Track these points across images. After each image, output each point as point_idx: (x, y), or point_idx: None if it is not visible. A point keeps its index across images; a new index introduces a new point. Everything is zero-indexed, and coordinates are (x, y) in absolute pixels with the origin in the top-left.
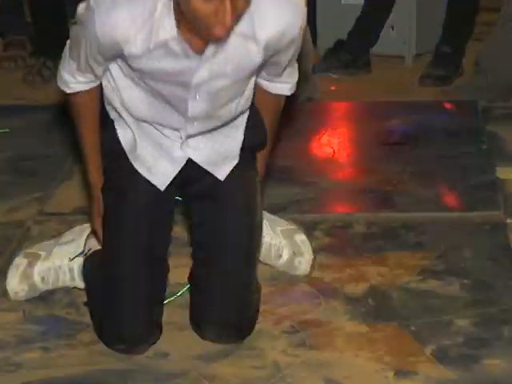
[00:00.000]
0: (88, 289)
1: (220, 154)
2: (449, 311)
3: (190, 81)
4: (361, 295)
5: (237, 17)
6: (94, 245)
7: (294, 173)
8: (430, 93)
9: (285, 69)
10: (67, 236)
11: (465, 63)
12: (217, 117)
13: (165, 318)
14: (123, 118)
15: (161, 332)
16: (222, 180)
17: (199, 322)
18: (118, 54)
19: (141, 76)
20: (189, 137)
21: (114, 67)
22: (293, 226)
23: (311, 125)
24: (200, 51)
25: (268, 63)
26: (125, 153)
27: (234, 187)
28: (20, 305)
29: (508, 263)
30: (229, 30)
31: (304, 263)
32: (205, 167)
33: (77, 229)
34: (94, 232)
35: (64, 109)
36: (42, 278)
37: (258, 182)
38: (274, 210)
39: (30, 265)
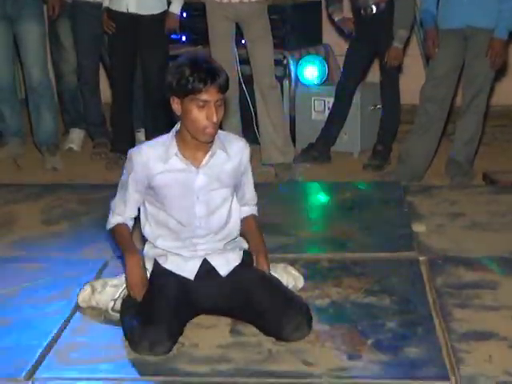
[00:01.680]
0: (123, 313)
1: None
2: (382, 316)
3: (193, 186)
4: (325, 306)
5: (218, 120)
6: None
7: (281, 227)
8: (369, 176)
9: (249, 193)
10: (115, 281)
11: (392, 157)
12: (216, 222)
13: (195, 320)
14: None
15: (175, 343)
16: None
17: (280, 332)
18: (148, 179)
19: (161, 199)
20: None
21: (147, 204)
22: (283, 264)
23: (292, 196)
24: (197, 165)
25: (239, 185)
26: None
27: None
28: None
29: (420, 286)
30: (215, 128)
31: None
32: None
33: (122, 278)
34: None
35: None
36: (97, 303)
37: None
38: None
39: (91, 292)
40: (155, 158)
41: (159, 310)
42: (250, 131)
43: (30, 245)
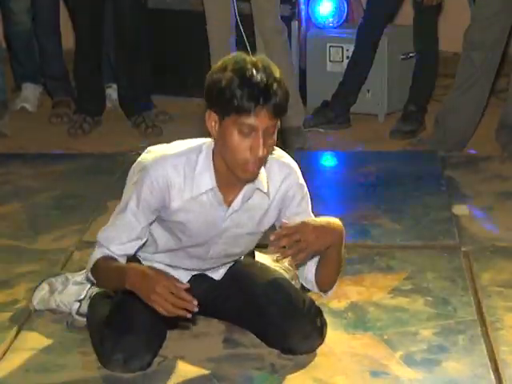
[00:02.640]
0: (91, 318)
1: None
2: (414, 323)
3: (218, 226)
4: (342, 310)
5: (266, 153)
6: (94, 290)
7: None
8: (398, 144)
9: None
10: (79, 276)
11: (427, 120)
12: (231, 256)
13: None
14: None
15: (154, 357)
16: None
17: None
18: (162, 207)
19: (176, 232)
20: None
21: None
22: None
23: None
24: (228, 203)
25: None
26: None
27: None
28: (65, 317)
29: (462, 283)
30: (259, 165)
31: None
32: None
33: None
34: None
35: (97, 157)
36: (58, 306)
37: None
38: None
39: (50, 292)
40: (180, 186)
41: (137, 314)
42: None
43: None
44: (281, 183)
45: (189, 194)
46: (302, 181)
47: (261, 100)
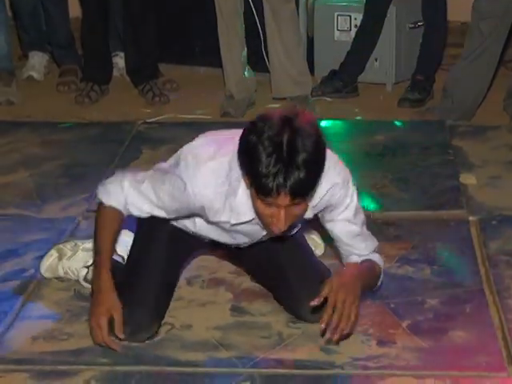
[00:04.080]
0: None
1: None
2: (421, 292)
3: (251, 236)
4: None
5: (292, 220)
6: None
7: None
8: (406, 113)
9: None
10: (88, 243)
11: (435, 89)
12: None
13: (187, 295)
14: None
15: (160, 326)
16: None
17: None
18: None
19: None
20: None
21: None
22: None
23: None
24: None
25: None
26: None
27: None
28: (72, 285)
29: (469, 253)
30: (283, 231)
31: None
32: None
33: None
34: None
35: (105, 126)
36: (65, 273)
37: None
38: None
39: (59, 258)
40: (218, 209)
41: (144, 286)
42: (257, 57)
43: None
44: (326, 192)
45: (227, 218)
46: (351, 192)
47: (280, 188)
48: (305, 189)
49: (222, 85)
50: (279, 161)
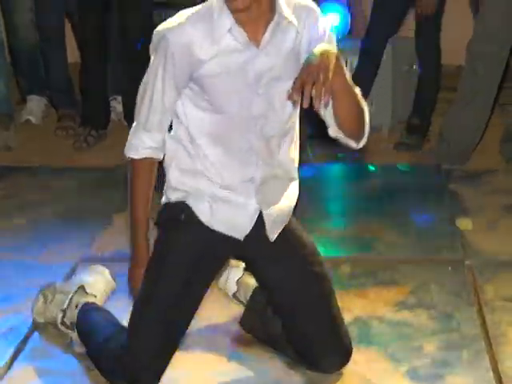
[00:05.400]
0: (87, 334)
1: (282, 219)
2: (418, 337)
3: (251, 72)
4: (346, 324)
5: None
6: (79, 299)
7: None
8: (402, 157)
9: None
10: (64, 284)
11: (431, 133)
12: (277, 125)
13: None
14: (199, 188)
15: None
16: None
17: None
18: (190, 68)
19: (208, 93)
20: (258, 192)
21: (185, 104)
22: None
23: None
24: (256, 42)
25: None
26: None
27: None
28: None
29: (466, 297)
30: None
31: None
32: (267, 227)
33: (76, 280)
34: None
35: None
36: (51, 317)
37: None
38: None
39: (43, 302)
40: (201, 37)
41: (148, 352)
42: None
43: None
44: (306, 17)
45: (212, 42)
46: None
47: None
48: None
49: None
50: None
